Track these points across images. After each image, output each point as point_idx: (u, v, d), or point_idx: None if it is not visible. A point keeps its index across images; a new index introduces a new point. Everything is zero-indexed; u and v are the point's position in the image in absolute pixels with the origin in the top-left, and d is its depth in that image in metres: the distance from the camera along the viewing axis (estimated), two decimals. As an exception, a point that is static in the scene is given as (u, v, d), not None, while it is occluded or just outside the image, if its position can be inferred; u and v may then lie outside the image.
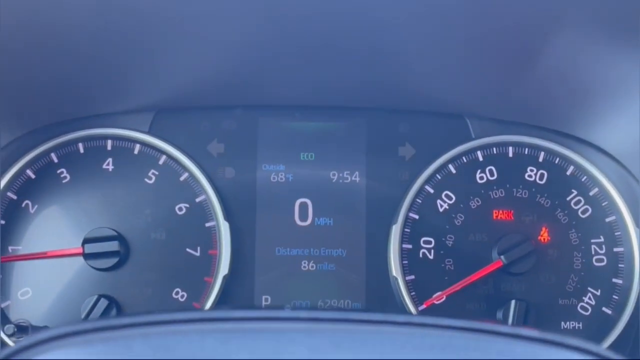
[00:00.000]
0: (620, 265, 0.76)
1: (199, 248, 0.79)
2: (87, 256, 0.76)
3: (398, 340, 0.43)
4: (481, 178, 0.77)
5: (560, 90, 0.74)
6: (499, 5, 0.61)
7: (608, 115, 0.76)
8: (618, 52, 0.66)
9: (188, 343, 0.42)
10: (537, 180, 0.77)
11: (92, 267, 0.76)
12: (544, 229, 0.76)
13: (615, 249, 0.76)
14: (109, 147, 0.80)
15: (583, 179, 0.77)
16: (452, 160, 0.77)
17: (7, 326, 0.72)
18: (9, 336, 0.70)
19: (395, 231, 0.76)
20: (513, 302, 0.74)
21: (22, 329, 0.69)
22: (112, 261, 0.76)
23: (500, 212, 0.77)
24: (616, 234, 0.76)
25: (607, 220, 0.76)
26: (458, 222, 0.76)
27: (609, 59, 0.73)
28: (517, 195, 0.77)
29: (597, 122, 0.76)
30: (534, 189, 0.78)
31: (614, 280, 0.76)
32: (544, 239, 0.76)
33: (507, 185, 0.77)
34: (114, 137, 0.78)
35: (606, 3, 0.57)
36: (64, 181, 0.80)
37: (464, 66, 0.75)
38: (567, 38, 0.67)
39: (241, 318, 0.44)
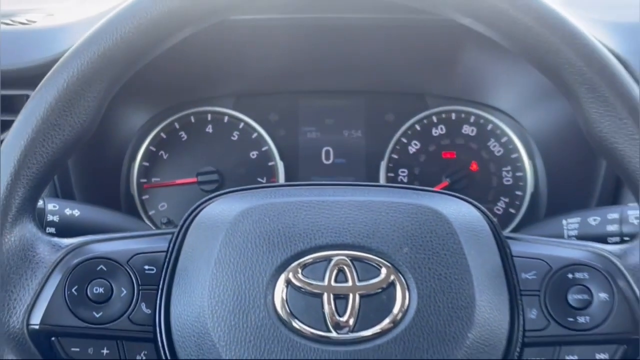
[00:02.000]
0: (520, 183, 1.10)
1: (265, 178, 1.11)
2: (199, 183, 1.09)
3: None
4: (435, 132, 1.12)
5: (481, 79, 1.11)
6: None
7: (509, 91, 1.10)
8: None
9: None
10: (470, 134, 1.12)
11: (202, 190, 1.09)
12: (474, 162, 1.12)
13: (517, 174, 1.11)
14: (209, 118, 1.12)
15: (497, 132, 1.11)
16: (416, 122, 1.12)
17: (162, 219, 1.08)
18: (164, 224, 1.08)
19: (383, 165, 1.11)
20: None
21: (169, 222, 1.08)
22: (214, 186, 1.08)
23: (447, 153, 1.12)
24: (517, 164, 1.11)
25: (512, 156, 1.11)
26: (421, 159, 1.12)
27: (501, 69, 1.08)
28: (458, 142, 1.12)
29: (502, 96, 1.11)
30: (468, 139, 1.12)
31: (516, 192, 1.11)
32: (474, 169, 1.11)
33: (451, 137, 1.12)
34: (212, 112, 1.11)
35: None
36: (183, 139, 1.12)
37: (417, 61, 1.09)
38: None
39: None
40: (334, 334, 0.65)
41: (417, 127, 1.13)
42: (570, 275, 0.69)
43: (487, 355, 0.66)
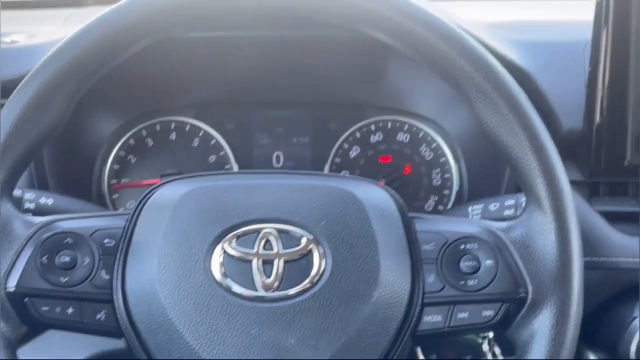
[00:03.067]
0: (447, 184, 1.23)
1: (222, 179, 1.32)
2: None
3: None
4: (373, 139, 1.25)
5: (407, 89, 1.24)
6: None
7: (430, 99, 1.22)
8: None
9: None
10: (404, 140, 1.25)
11: (164, 190, 1.30)
12: (407, 165, 1.24)
13: (445, 175, 1.24)
14: (172, 127, 1.24)
15: (428, 138, 1.24)
16: (357, 130, 1.25)
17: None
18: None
19: (327, 168, 1.24)
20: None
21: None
22: (176, 186, 1.29)
23: (384, 157, 1.25)
24: (445, 167, 1.23)
25: (441, 160, 1.24)
26: (361, 163, 1.25)
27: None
28: (393, 148, 1.24)
29: (426, 104, 1.24)
30: (402, 145, 1.24)
31: (444, 191, 1.23)
32: (407, 171, 1.24)
33: (388, 143, 1.24)
34: (176, 121, 1.24)
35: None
36: (149, 145, 1.24)
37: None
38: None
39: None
40: (261, 293, 0.79)
41: (357, 134, 1.27)
42: (462, 246, 0.83)
43: (390, 311, 0.80)
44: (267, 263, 0.80)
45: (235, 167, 1.24)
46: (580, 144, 1.05)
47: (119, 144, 1.26)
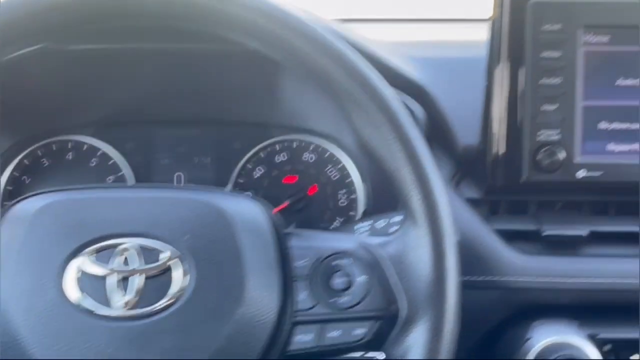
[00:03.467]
0: (353, 205, 1.21)
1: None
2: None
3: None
4: (278, 159, 1.22)
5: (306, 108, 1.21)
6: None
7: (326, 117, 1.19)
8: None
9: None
10: (309, 160, 1.22)
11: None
12: (313, 186, 1.22)
13: (351, 196, 1.21)
14: (69, 146, 1.21)
15: (334, 159, 1.21)
16: (261, 150, 1.22)
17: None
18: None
19: (228, 189, 1.20)
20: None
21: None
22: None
23: (289, 177, 1.22)
24: (351, 188, 1.21)
25: (347, 180, 1.21)
26: (265, 184, 1.22)
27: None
28: (299, 168, 1.22)
29: (336, 126, 1.22)
30: (308, 165, 1.22)
31: (350, 212, 1.21)
32: (313, 192, 1.22)
33: (293, 163, 1.22)
34: (73, 141, 1.21)
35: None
36: (44, 165, 1.20)
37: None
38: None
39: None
40: (118, 311, 0.74)
41: (262, 154, 1.24)
42: (335, 262, 0.79)
43: (257, 330, 0.76)
44: (126, 280, 0.75)
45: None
46: (478, 161, 1.03)
47: (13, 164, 1.22)
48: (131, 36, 1.08)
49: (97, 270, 0.76)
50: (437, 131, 1.07)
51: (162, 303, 0.75)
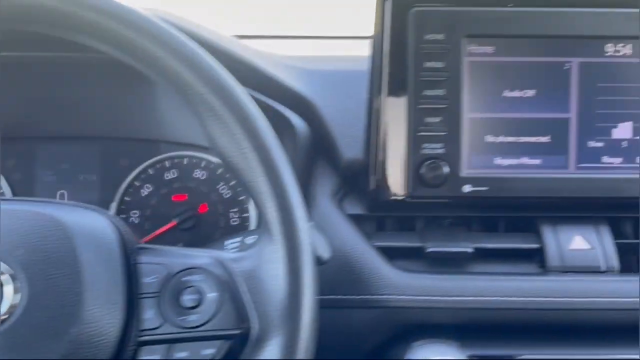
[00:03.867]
0: (245, 223, 1.16)
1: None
2: None
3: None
4: (167, 176, 1.17)
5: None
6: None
7: None
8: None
9: None
10: (200, 177, 1.17)
11: None
12: (204, 204, 1.17)
13: (243, 215, 1.16)
14: None
15: (226, 176, 1.16)
16: (149, 166, 1.17)
17: None
18: None
19: (113, 207, 1.15)
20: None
21: None
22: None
23: (178, 195, 1.17)
24: (244, 206, 1.16)
25: (239, 198, 1.16)
26: (153, 202, 1.17)
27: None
28: (189, 185, 1.17)
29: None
30: (199, 182, 1.17)
31: (242, 232, 1.24)
32: (203, 210, 1.17)
33: (183, 180, 1.17)
34: None
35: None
36: None
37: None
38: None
39: None
40: None
41: (150, 171, 1.19)
42: (185, 278, 0.74)
43: (95, 350, 0.71)
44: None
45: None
46: (362, 176, 0.99)
47: None
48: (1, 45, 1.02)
49: None
50: (322, 145, 1.03)
51: (-12, 323, 0.69)
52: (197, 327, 0.74)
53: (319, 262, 0.83)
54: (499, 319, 0.94)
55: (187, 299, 0.75)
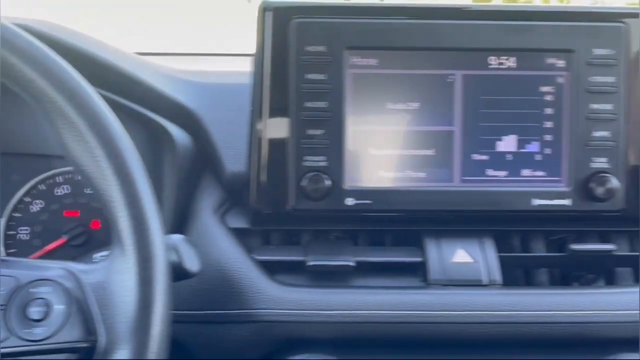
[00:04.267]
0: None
1: None
2: None
3: None
4: (58, 192, 1.14)
5: None
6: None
7: None
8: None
9: None
10: (92, 193, 1.23)
11: None
12: (96, 220, 1.14)
13: None
14: None
15: None
16: (40, 182, 1.14)
17: None
18: None
19: (2, 223, 1.12)
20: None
21: None
22: None
23: (70, 212, 1.14)
24: None
25: None
26: (44, 217, 1.13)
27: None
28: (81, 202, 1.14)
29: None
30: (91, 198, 1.13)
31: None
32: (96, 227, 1.14)
33: (75, 196, 1.14)
34: None
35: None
36: None
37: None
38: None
39: None
40: None
41: (41, 186, 1.16)
42: (34, 290, 0.72)
43: None
44: None
45: None
46: (247, 190, 0.97)
47: None
48: None
49: None
50: (207, 159, 1.01)
51: None
52: (42, 340, 0.72)
53: (187, 275, 0.81)
54: (378, 333, 0.92)
55: (34, 311, 0.73)
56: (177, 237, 0.83)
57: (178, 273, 0.81)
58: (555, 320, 0.93)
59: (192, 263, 0.82)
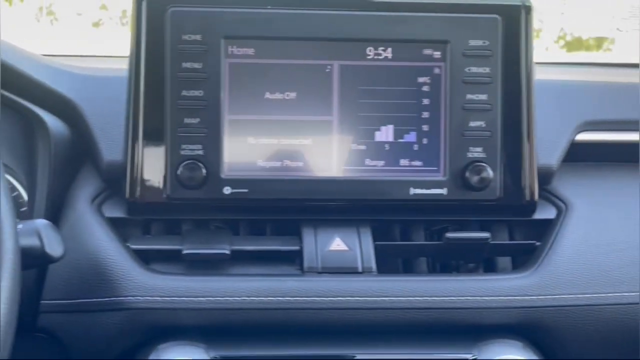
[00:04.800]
0: None
1: None
2: None
3: None
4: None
5: None
6: None
7: None
8: None
9: None
10: None
11: None
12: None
13: None
14: None
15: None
16: None
17: None
18: None
19: None
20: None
21: None
22: None
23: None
24: None
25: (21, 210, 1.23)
26: None
27: None
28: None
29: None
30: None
31: None
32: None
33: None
34: None
35: None
36: None
37: None
38: None
39: None
40: None
41: None
42: None
43: None
44: None
45: None
46: (124, 179, 0.97)
47: None
48: None
49: None
50: (84, 148, 1.00)
51: None
52: None
53: (50, 259, 0.80)
54: (250, 320, 0.93)
55: None
56: (39, 222, 0.82)
57: (40, 258, 0.81)
58: (430, 306, 0.94)
59: (54, 247, 0.81)
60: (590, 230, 1.02)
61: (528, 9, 1.00)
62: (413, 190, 1.00)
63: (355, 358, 0.92)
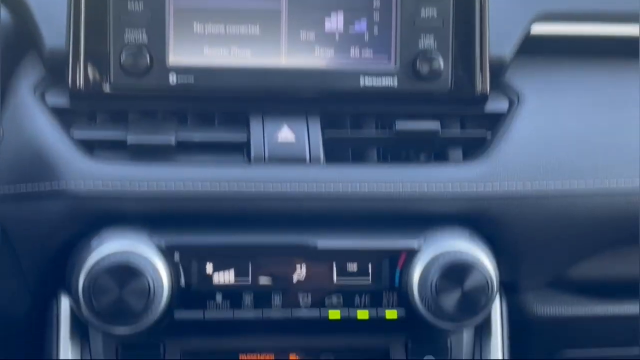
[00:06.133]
0: None
1: None
2: None
3: None
4: None
5: None
6: None
7: None
8: None
9: None
10: None
11: None
12: None
13: None
14: None
15: None
16: None
17: None
18: None
19: None
20: None
21: None
22: None
23: None
24: None
25: None
26: None
27: None
28: None
29: None
30: None
31: None
32: None
33: None
34: None
35: None
36: None
37: None
38: None
39: None
40: None
41: None
42: None
43: None
44: None
45: None
46: (67, 67, 0.94)
47: None
48: None
49: None
50: (27, 35, 0.98)
51: None
52: None
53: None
54: (195, 208, 0.92)
55: None
56: None
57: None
58: (377, 195, 0.94)
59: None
60: (542, 122, 1.01)
61: None
62: (363, 80, 0.98)
63: (300, 245, 0.91)
